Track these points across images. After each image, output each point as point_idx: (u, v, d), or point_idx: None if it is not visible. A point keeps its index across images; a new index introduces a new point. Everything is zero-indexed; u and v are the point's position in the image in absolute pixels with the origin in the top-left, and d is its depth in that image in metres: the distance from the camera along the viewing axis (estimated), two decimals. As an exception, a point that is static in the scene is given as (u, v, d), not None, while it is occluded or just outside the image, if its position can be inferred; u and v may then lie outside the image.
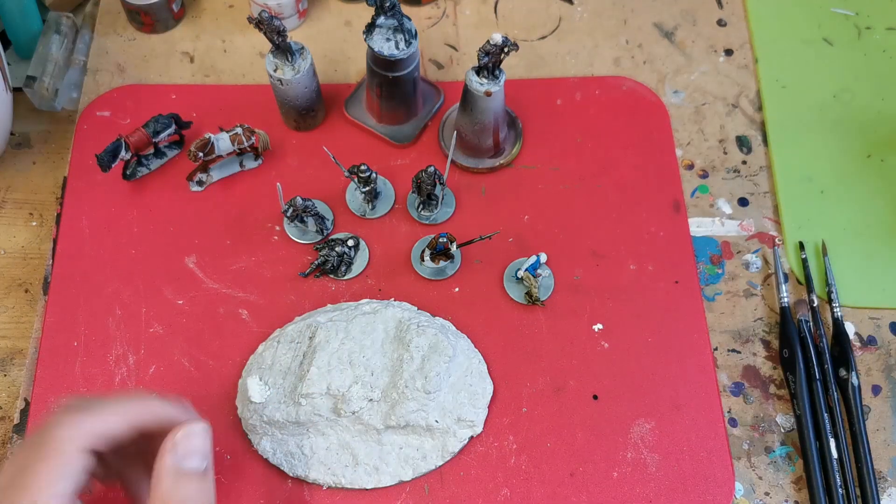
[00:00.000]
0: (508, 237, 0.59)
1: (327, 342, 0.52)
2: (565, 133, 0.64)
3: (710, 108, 0.65)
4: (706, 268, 0.59)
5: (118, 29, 0.68)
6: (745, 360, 0.56)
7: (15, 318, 0.57)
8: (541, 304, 0.56)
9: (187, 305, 0.56)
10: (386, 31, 0.57)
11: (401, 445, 0.51)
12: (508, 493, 0.51)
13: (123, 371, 0.54)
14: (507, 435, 0.53)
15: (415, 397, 0.51)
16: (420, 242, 0.59)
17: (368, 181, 0.57)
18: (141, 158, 0.60)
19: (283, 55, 0.57)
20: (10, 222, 0.60)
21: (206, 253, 0.58)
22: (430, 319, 0.55)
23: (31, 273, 0.58)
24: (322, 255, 0.57)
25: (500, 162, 0.62)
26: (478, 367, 0.54)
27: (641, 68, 0.67)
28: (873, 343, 0.57)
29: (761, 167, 0.63)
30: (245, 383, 0.52)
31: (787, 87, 0.66)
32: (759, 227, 0.61)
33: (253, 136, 0.58)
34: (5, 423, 0.54)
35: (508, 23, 0.69)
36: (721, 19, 0.70)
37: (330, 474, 0.51)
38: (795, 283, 0.59)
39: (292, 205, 0.55)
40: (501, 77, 0.56)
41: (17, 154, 0.63)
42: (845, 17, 0.70)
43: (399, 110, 0.62)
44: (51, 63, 0.63)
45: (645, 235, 0.59)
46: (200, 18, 0.69)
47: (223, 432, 0.53)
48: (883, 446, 0.53)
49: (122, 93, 0.64)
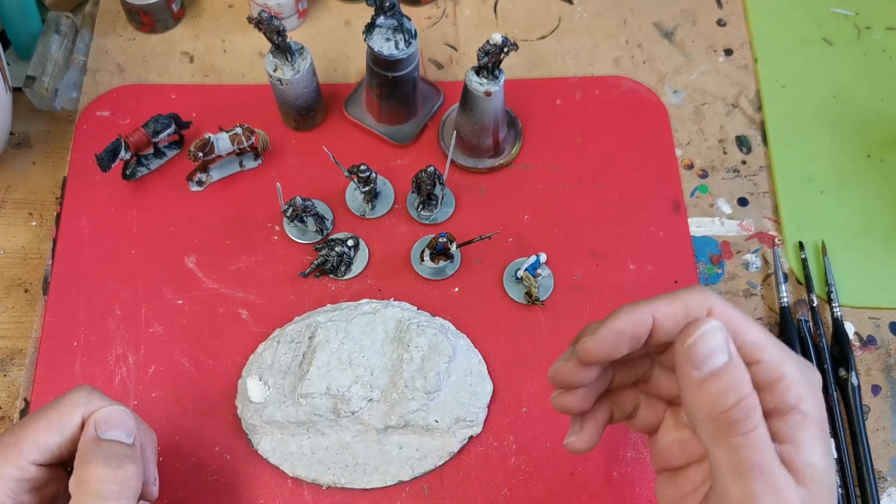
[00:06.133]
0: (508, 237, 0.59)
1: (327, 342, 0.52)
2: (565, 133, 0.64)
3: (709, 107, 0.65)
4: (706, 268, 0.59)
5: (118, 29, 0.68)
6: (745, 360, 0.56)
7: (15, 317, 0.57)
8: (541, 304, 0.56)
9: (187, 305, 0.56)
10: (386, 31, 0.57)
11: (400, 445, 0.52)
12: (508, 493, 0.51)
13: (123, 371, 0.54)
14: (507, 435, 0.53)
15: (414, 397, 0.51)
16: (420, 242, 0.59)
17: (368, 181, 0.57)
18: (141, 158, 0.60)
19: (282, 55, 0.57)
20: (9, 222, 0.60)
21: (205, 253, 0.58)
22: (429, 319, 0.55)
23: (31, 273, 0.58)
24: (322, 255, 0.57)
25: (500, 162, 0.62)
26: (478, 367, 0.54)
27: (641, 68, 0.67)
28: (873, 343, 0.57)
29: (761, 167, 0.63)
30: (245, 383, 0.52)
31: (786, 87, 0.66)
32: (758, 227, 0.61)
33: (253, 135, 0.58)
34: (5, 423, 0.54)
35: (508, 23, 0.69)
36: (721, 19, 0.70)
37: (330, 474, 0.51)
38: (795, 283, 0.59)
39: (292, 205, 0.55)
40: (501, 77, 0.56)
41: (17, 154, 0.63)
42: (845, 17, 0.70)
43: (399, 110, 0.62)
44: (50, 63, 0.63)
45: (644, 235, 0.59)
46: (200, 18, 0.69)
47: (223, 432, 0.53)
48: (883, 446, 0.53)
49: (121, 93, 0.64)
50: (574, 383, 0.40)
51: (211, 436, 0.52)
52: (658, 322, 0.38)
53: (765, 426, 0.35)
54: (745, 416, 0.34)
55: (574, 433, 0.42)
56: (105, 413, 0.41)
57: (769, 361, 0.37)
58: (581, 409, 0.42)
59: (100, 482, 0.38)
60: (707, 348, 0.35)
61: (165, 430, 0.52)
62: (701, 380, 0.35)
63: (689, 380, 0.35)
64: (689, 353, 0.35)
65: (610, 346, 0.38)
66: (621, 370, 0.43)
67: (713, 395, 0.34)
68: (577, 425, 0.42)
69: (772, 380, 0.37)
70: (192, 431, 0.53)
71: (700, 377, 0.35)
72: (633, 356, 0.41)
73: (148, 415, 0.53)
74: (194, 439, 0.52)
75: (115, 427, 0.40)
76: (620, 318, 0.38)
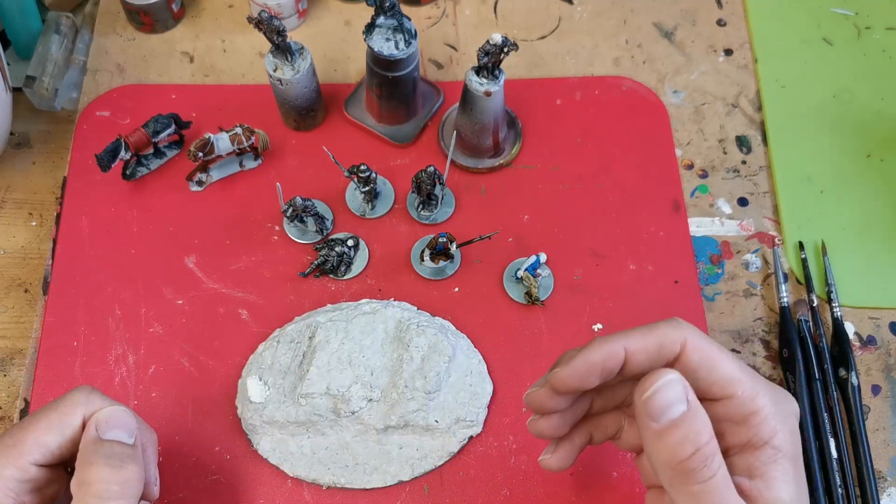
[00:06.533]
0: (508, 237, 0.59)
1: (327, 342, 0.52)
2: (565, 133, 0.64)
3: (709, 107, 0.65)
4: (706, 268, 0.59)
5: (118, 29, 0.68)
6: (745, 360, 0.56)
7: (15, 317, 0.57)
8: (541, 304, 0.56)
9: (187, 305, 0.56)
10: (386, 31, 0.57)
11: (400, 445, 0.52)
12: (508, 493, 0.51)
13: (123, 371, 0.54)
14: (507, 435, 0.53)
15: (414, 397, 0.51)
16: (420, 242, 0.59)
17: (368, 181, 0.57)
18: (141, 158, 0.60)
19: (282, 55, 0.57)
20: (9, 222, 0.60)
21: (205, 253, 0.58)
22: (429, 319, 0.55)
23: (31, 273, 0.58)
24: (322, 255, 0.57)
25: (500, 162, 0.62)
26: (478, 367, 0.54)
27: (641, 68, 0.67)
28: (873, 343, 0.57)
29: (761, 167, 0.63)
30: (245, 383, 0.52)
31: (786, 87, 0.66)
32: (758, 226, 0.61)
33: (252, 135, 0.58)
34: (5, 423, 0.54)
35: (508, 23, 0.69)
36: (721, 19, 0.70)
37: (330, 474, 0.51)
38: (795, 283, 0.59)
39: (292, 205, 0.55)
40: (501, 77, 0.56)
41: (17, 154, 0.63)
42: (845, 17, 0.70)
43: (399, 110, 0.62)
44: (50, 63, 0.63)
45: (644, 235, 0.59)
46: (200, 18, 0.69)
47: (223, 432, 0.53)
48: (883, 446, 0.53)
49: (121, 93, 0.64)
50: (547, 409, 0.42)
51: (211, 436, 0.52)
52: (630, 356, 0.39)
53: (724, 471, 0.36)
54: (703, 465, 0.35)
55: (549, 452, 0.44)
56: (106, 413, 0.41)
57: (742, 395, 0.38)
58: (556, 434, 0.43)
59: (101, 482, 0.38)
60: (664, 400, 0.36)
61: (165, 430, 0.52)
62: (659, 430, 0.36)
63: (649, 430, 0.36)
64: (647, 406, 0.36)
65: (581, 378, 0.39)
66: (601, 396, 0.44)
67: (671, 446, 0.35)
68: (553, 445, 0.44)
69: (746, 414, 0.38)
70: (192, 431, 0.53)
71: (658, 428, 0.36)
72: (612, 383, 0.42)
73: (148, 415, 0.53)
74: (194, 439, 0.52)
75: (116, 427, 0.40)
76: (593, 351, 0.39)
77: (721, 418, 0.39)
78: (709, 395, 0.39)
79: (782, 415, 0.38)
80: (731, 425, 0.39)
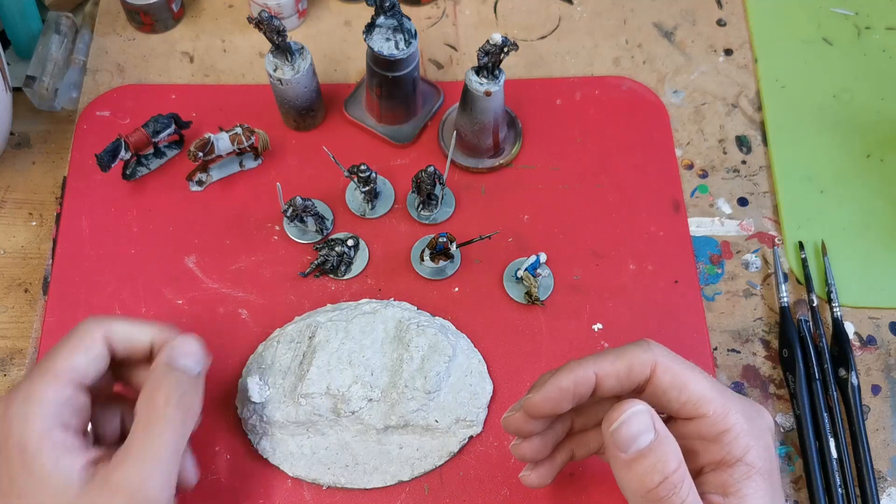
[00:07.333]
0: (508, 237, 0.59)
1: (327, 342, 0.52)
2: (565, 133, 0.64)
3: (709, 107, 0.65)
4: (706, 267, 0.59)
5: (118, 29, 0.68)
6: (745, 360, 0.56)
7: (15, 317, 0.57)
8: (541, 303, 0.56)
9: (187, 305, 0.56)
10: (386, 31, 0.57)
11: (400, 445, 0.52)
12: (508, 492, 0.51)
13: (123, 371, 0.54)
14: (507, 435, 0.53)
15: (414, 397, 0.51)
16: (420, 242, 0.59)
17: (368, 181, 0.57)
18: (141, 158, 0.60)
19: (282, 55, 0.57)
20: (9, 222, 0.60)
21: (205, 253, 0.58)
22: (429, 319, 0.55)
23: (31, 273, 0.58)
24: (322, 255, 0.57)
25: (500, 162, 0.62)
26: (478, 366, 0.54)
27: (641, 68, 0.67)
28: (873, 343, 0.57)
29: (761, 167, 0.63)
30: (245, 383, 0.52)
31: (786, 87, 0.66)
32: (758, 226, 0.61)
33: (253, 135, 0.58)
34: (5, 423, 0.54)
35: (508, 23, 0.69)
36: (721, 19, 0.70)
37: (330, 474, 0.51)
38: (795, 283, 0.59)
39: (292, 204, 0.55)
40: (501, 77, 0.56)
41: (17, 154, 0.63)
42: (845, 17, 0.70)
43: (399, 110, 0.62)
44: (50, 63, 0.63)
45: (644, 235, 0.59)
46: (200, 18, 0.69)
47: (223, 432, 0.53)
48: (882, 446, 0.53)
49: (121, 93, 0.64)
50: (524, 433, 0.43)
51: (211, 435, 0.52)
52: (601, 380, 0.40)
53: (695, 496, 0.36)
54: (672, 493, 0.36)
55: (529, 468, 0.45)
56: (179, 341, 0.43)
57: (714, 415, 0.39)
58: (539, 457, 0.44)
59: (168, 406, 0.40)
60: (631, 431, 0.37)
61: (165, 429, 0.52)
62: (628, 461, 0.37)
63: (617, 460, 0.37)
64: (614, 437, 0.37)
65: (553, 403, 0.40)
66: (581, 415, 0.45)
67: (640, 475, 0.36)
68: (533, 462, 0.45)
69: (718, 432, 0.39)
70: (192, 431, 0.52)
71: (626, 458, 0.37)
72: (590, 402, 0.43)
73: (148, 415, 0.53)
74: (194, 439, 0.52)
75: (186, 356, 0.43)
76: (563, 377, 0.40)
77: (694, 437, 0.40)
78: (681, 415, 0.40)
79: (756, 430, 0.39)
80: (704, 444, 0.39)
